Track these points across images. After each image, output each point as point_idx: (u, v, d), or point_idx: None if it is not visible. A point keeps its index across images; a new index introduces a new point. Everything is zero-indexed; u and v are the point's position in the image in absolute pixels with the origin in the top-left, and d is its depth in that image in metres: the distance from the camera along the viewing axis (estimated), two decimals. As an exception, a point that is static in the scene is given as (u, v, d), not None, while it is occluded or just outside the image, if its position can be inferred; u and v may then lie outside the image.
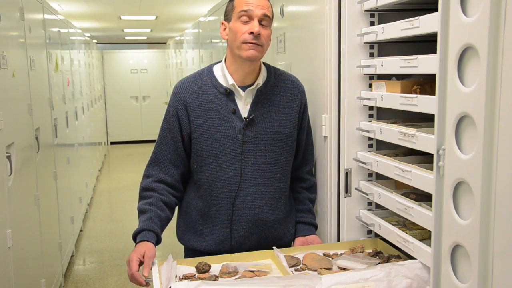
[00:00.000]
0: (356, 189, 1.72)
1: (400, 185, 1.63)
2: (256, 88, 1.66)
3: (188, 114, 1.65)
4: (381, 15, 1.64)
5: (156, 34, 10.80)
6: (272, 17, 1.64)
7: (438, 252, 1.16)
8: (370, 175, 1.74)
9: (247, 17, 1.57)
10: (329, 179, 1.75)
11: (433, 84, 1.18)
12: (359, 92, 1.67)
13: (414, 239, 1.44)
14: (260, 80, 1.67)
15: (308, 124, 1.80)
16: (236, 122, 1.63)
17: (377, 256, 1.59)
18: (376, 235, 1.71)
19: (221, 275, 1.47)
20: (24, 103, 2.76)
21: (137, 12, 7.25)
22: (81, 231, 4.93)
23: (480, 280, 1.01)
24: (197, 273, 1.50)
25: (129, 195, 6.36)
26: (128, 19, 8.01)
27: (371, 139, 1.71)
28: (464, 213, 1.07)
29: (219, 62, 1.72)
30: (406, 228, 1.54)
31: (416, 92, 1.46)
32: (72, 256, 4.20)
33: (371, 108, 1.69)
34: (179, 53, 7.68)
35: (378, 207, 1.73)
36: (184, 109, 1.65)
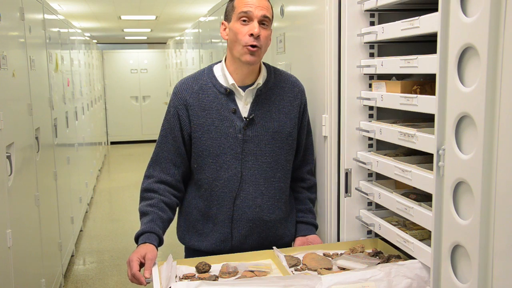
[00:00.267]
0: (356, 189, 1.72)
1: (400, 185, 1.63)
2: (256, 88, 1.66)
3: (189, 114, 1.65)
4: (381, 15, 1.64)
5: (156, 34, 10.81)
6: (272, 18, 1.64)
7: (438, 252, 1.15)
8: (370, 175, 1.74)
9: (247, 18, 1.57)
10: (329, 179, 1.75)
11: (433, 84, 1.18)
12: (359, 92, 1.67)
13: (414, 239, 1.44)
14: (260, 80, 1.67)
15: (308, 124, 1.80)
16: (236, 122, 1.63)
17: (377, 256, 1.59)
18: (376, 235, 1.71)
19: (221, 275, 1.47)
20: (24, 103, 2.76)
21: (137, 12, 7.26)
22: (81, 231, 4.93)
23: (480, 280, 1.01)
24: (197, 273, 1.50)
25: (129, 195, 6.37)
26: (128, 19, 8.02)
27: (371, 139, 1.71)
28: (464, 213, 1.07)
29: (219, 62, 1.72)
30: (406, 228, 1.54)
31: (416, 92, 1.46)
32: (72, 256, 4.20)
33: (371, 108, 1.69)
34: (179, 53, 7.67)
35: (378, 207, 1.73)
36: (185, 109, 1.65)
